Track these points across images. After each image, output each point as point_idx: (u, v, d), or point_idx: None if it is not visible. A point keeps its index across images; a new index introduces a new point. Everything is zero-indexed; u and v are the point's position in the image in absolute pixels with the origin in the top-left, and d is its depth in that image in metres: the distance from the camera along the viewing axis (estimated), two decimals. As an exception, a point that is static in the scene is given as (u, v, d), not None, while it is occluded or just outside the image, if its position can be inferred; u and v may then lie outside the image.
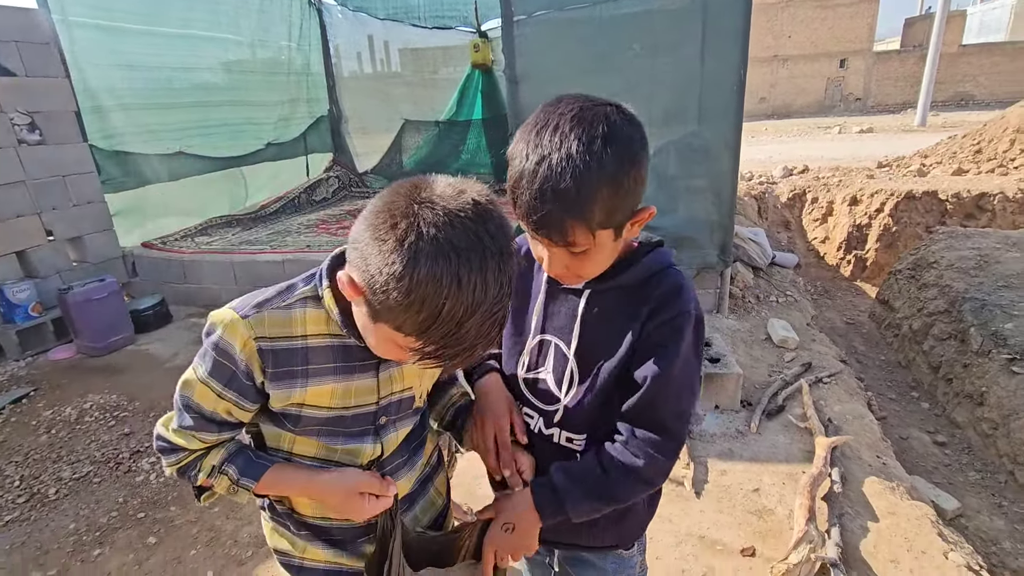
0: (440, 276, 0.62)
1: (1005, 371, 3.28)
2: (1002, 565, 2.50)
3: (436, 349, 0.68)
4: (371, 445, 0.88)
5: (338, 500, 0.85)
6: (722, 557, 1.96)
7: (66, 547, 2.16)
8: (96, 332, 3.98)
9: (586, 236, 0.76)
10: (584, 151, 0.72)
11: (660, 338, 0.85)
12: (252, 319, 0.77)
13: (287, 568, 0.95)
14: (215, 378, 0.79)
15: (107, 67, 4.92)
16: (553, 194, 0.72)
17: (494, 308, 0.67)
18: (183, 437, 0.82)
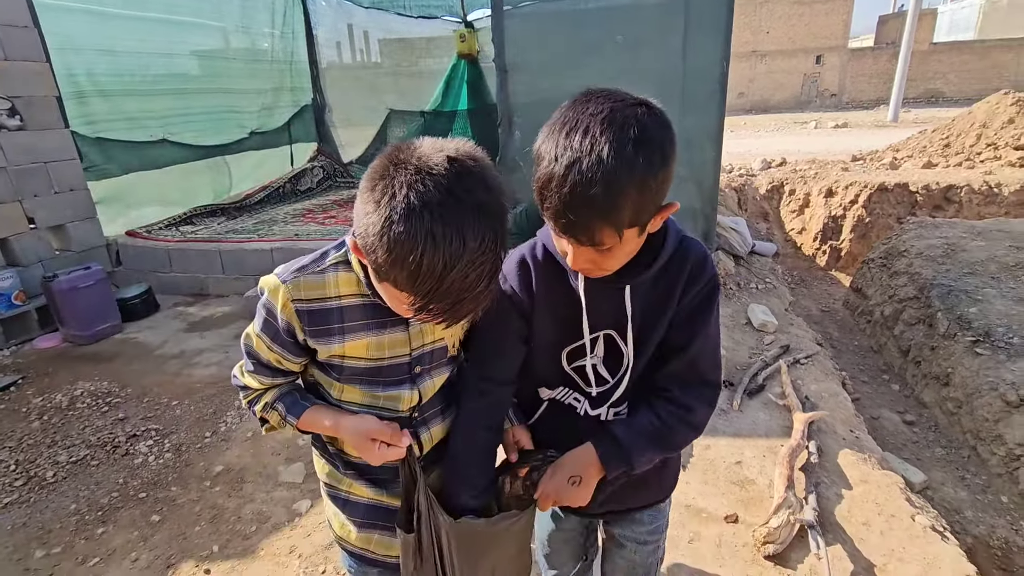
0: (414, 233, 0.67)
1: (969, 352, 3.47)
2: (964, 532, 2.67)
3: (426, 303, 0.73)
4: (409, 392, 0.96)
5: (352, 440, 0.93)
6: (707, 524, 2.08)
7: (68, 526, 2.18)
8: (83, 321, 3.95)
9: (613, 237, 0.78)
10: (615, 155, 0.72)
11: (696, 306, 0.93)
12: (290, 283, 0.86)
13: (333, 500, 1.04)
14: (265, 333, 0.91)
15: (89, 52, 4.84)
16: (583, 199, 0.73)
17: (476, 260, 0.70)
18: (248, 377, 0.97)
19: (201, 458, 2.58)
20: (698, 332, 0.94)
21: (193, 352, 3.72)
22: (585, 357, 0.99)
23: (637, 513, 1.14)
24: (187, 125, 5.90)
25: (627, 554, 1.17)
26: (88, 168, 4.75)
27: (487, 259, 0.72)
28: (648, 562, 1.18)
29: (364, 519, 1.02)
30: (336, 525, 1.06)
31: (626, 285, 0.92)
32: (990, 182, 6.33)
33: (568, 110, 0.79)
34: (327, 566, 1.94)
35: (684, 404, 0.95)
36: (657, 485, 1.12)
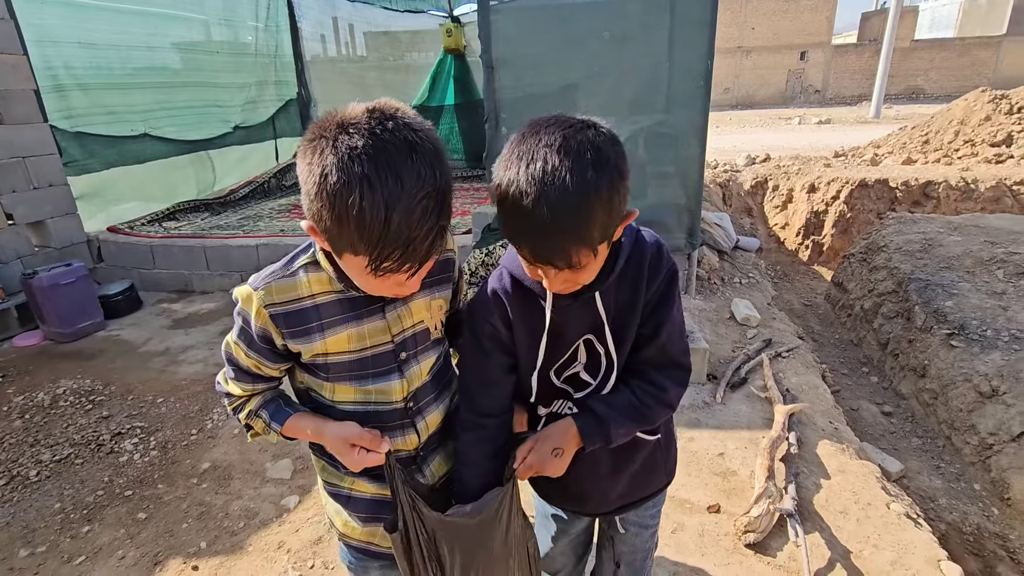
0: (348, 181, 0.68)
1: (945, 345, 3.57)
2: (938, 519, 2.75)
3: (381, 252, 0.72)
4: (398, 381, 0.97)
5: (333, 446, 0.95)
6: (690, 514, 2.13)
7: (53, 525, 2.17)
8: (64, 318, 3.90)
9: (588, 256, 0.82)
10: (579, 182, 0.76)
11: (660, 296, 0.98)
12: (262, 290, 0.88)
13: (335, 498, 1.05)
14: (241, 340, 0.93)
15: (67, 44, 4.75)
16: (556, 229, 0.77)
17: (417, 196, 0.70)
18: (231, 384, 0.98)
19: (187, 455, 2.57)
20: (664, 320, 0.98)
21: (178, 349, 3.69)
22: (573, 365, 1.03)
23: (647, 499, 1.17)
24: (169, 119, 5.82)
25: (629, 539, 1.20)
26: (68, 163, 4.68)
27: (428, 195, 0.72)
28: (647, 546, 1.22)
29: (368, 513, 1.03)
30: (339, 523, 1.06)
31: (595, 292, 0.95)
32: (967, 178, 6.47)
33: (519, 144, 0.81)
34: (315, 561, 1.95)
35: (658, 384, 1.00)
36: (664, 470, 1.17)
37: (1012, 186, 6.34)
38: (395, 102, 0.77)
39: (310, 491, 2.30)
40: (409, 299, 0.96)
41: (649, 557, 1.25)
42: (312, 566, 1.93)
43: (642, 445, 1.09)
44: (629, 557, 1.22)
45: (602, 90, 3.80)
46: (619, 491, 1.11)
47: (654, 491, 1.17)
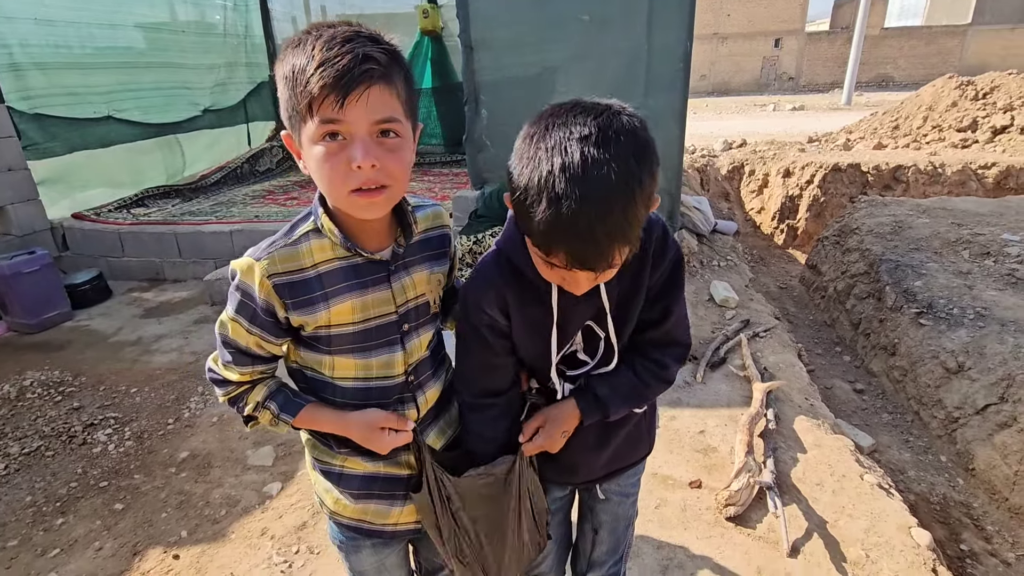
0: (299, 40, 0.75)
1: (914, 324, 3.68)
2: (908, 490, 2.86)
3: (312, 86, 0.72)
4: (400, 353, 0.96)
5: (361, 434, 0.94)
6: (673, 490, 2.17)
7: (25, 518, 2.11)
8: (28, 308, 3.76)
9: (625, 253, 0.77)
10: (622, 178, 0.69)
11: (666, 282, 0.97)
12: (265, 260, 0.85)
13: (326, 476, 1.03)
14: (242, 315, 0.88)
15: (22, 21, 4.52)
16: (603, 234, 0.71)
17: (340, 33, 0.75)
18: (226, 370, 0.93)
19: (165, 445, 2.52)
20: (672, 307, 0.99)
21: (151, 338, 3.59)
22: (570, 347, 1.03)
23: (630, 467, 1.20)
24: (134, 102, 5.61)
25: (611, 507, 1.21)
26: (28, 146, 4.48)
27: (356, 34, 0.76)
28: (629, 514, 1.24)
29: (360, 491, 1.02)
30: (329, 501, 1.05)
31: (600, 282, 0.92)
32: (934, 162, 6.65)
33: (544, 137, 0.73)
34: (300, 546, 1.93)
35: (660, 362, 1.02)
36: (648, 438, 1.19)
37: (977, 170, 6.54)
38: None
39: (293, 477, 2.27)
40: (412, 271, 0.96)
41: (631, 525, 1.27)
42: (297, 551, 1.91)
43: (630, 417, 1.10)
44: (611, 524, 1.24)
45: (582, 72, 3.78)
46: (605, 460, 1.13)
47: (638, 459, 1.19)
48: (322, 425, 0.96)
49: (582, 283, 0.82)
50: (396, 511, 1.04)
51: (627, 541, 1.28)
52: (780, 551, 1.87)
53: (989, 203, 5.19)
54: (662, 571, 1.81)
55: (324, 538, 1.96)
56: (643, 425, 1.15)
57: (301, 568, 1.85)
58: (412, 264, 0.96)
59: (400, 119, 0.79)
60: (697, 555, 1.87)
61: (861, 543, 1.90)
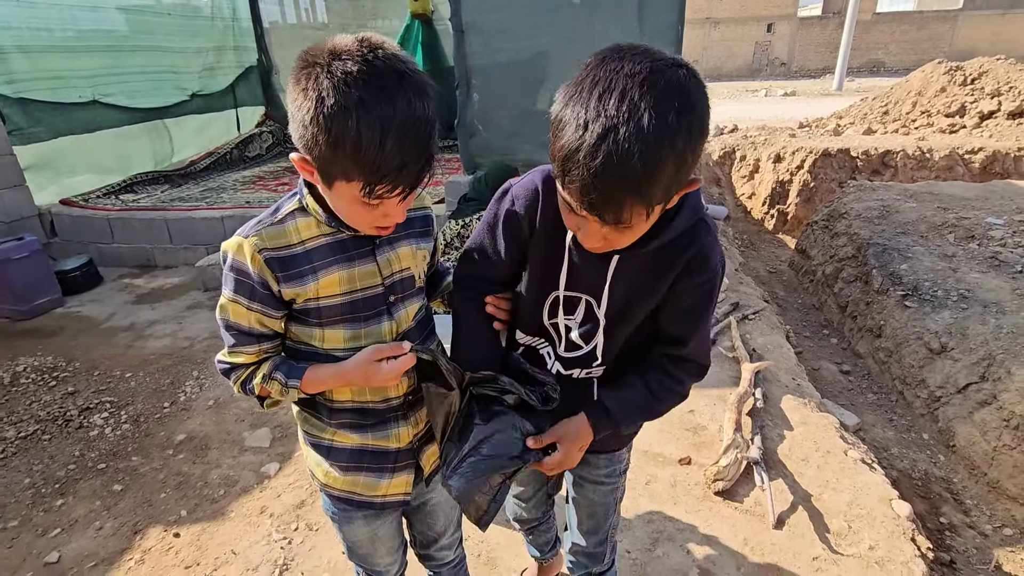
0: (345, 105, 0.72)
1: (899, 306, 3.75)
2: (891, 466, 2.94)
3: (377, 174, 0.76)
4: (388, 323, 1.00)
5: (361, 374, 0.94)
6: (663, 466, 2.22)
7: (24, 500, 2.13)
8: (19, 295, 3.74)
9: (641, 215, 0.72)
10: (657, 124, 0.64)
11: (696, 301, 0.92)
12: (254, 237, 0.88)
13: (316, 448, 1.06)
14: (240, 294, 0.90)
15: (3, 3, 4.43)
16: (617, 174, 0.66)
17: (409, 122, 0.74)
18: (233, 355, 0.96)
19: (161, 428, 2.54)
20: (697, 328, 0.95)
21: (144, 324, 3.59)
22: (567, 317, 1.00)
23: (593, 457, 1.19)
24: (120, 86, 5.52)
25: (587, 493, 1.25)
26: (12, 131, 4.42)
27: (420, 120, 0.76)
28: (606, 501, 1.26)
29: (349, 463, 1.04)
30: (320, 473, 1.07)
31: (615, 255, 0.88)
32: (922, 147, 6.71)
33: (597, 68, 0.69)
34: (299, 523, 1.97)
35: (676, 377, 1.00)
36: (616, 436, 1.16)
37: (964, 155, 6.61)
38: (380, 36, 0.78)
39: (290, 458, 2.30)
40: (397, 245, 0.98)
41: (611, 511, 1.28)
42: (296, 528, 1.95)
43: None
44: (589, 509, 1.27)
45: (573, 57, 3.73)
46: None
47: (605, 448, 1.17)
48: (325, 381, 0.97)
49: (593, 236, 0.78)
50: (384, 483, 1.07)
51: (610, 524, 1.29)
52: (766, 523, 1.93)
53: (975, 187, 5.27)
54: (652, 543, 1.87)
55: (322, 516, 2.00)
56: None
57: (300, 544, 1.89)
58: (396, 240, 0.99)
59: None
60: (686, 527, 1.93)
61: (844, 515, 1.97)
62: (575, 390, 1.04)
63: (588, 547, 1.31)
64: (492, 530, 1.92)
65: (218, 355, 0.98)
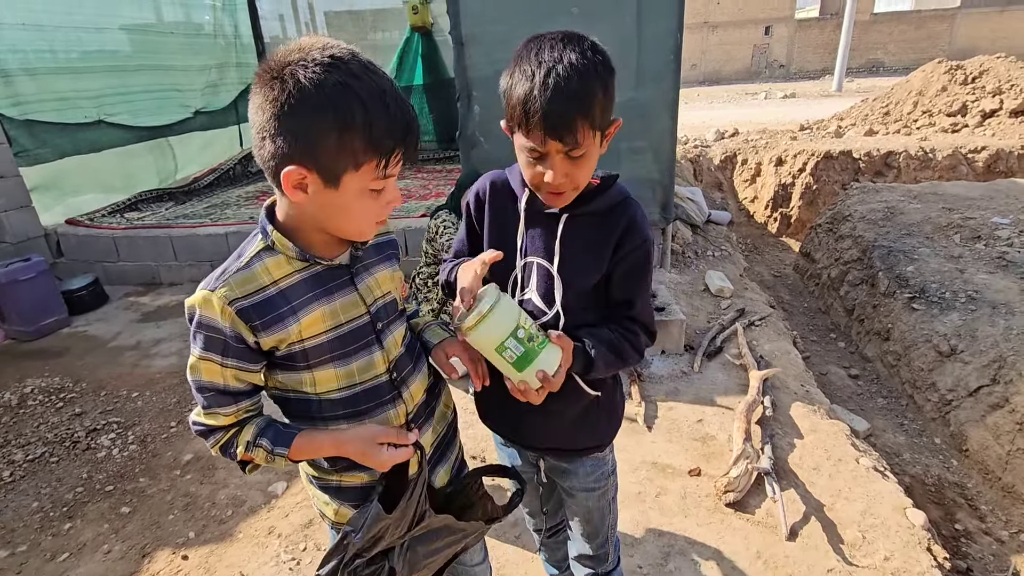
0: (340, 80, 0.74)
1: (907, 308, 3.72)
2: (903, 472, 2.91)
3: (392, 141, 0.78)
4: (380, 352, 0.96)
5: (359, 451, 0.91)
6: (672, 478, 2.20)
7: (32, 524, 2.12)
8: (26, 315, 3.76)
9: (588, 135, 0.90)
10: (581, 58, 0.87)
11: (634, 264, 1.05)
12: (222, 288, 0.83)
13: (324, 490, 1.02)
14: (212, 351, 0.85)
15: (10, 27, 4.49)
16: (564, 96, 0.86)
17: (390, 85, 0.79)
18: (210, 417, 0.90)
19: (168, 448, 2.53)
20: (638, 289, 1.07)
21: (150, 343, 3.60)
22: (525, 291, 1.08)
23: (575, 465, 1.21)
24: (125, 105, 5.57)
25: (580, 501, 1.27)
26: (18, 153, 4.45)
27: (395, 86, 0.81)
28: (600, 504, 1.28)
29: (360, 500, 1.01)
30: (330, 512, 1.04)
31: (563, 215, 1.03)
32: (925, 148, 6.69)
33: (525, 46, 0.92)
34: (307, 543, 1.96)
35: (631, 330, 1.08)
36: (598, 431, 1.19)
37: (967, 154, 6.59)
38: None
39: (297, 476, 2.29)
40: (374, 270, 0.97)
41: (606, 516, 1.30)
42: (304, 548, 1.94)
43: (580, 395, 1.12)
44: (585, 516, 1.29)
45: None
46: (548, 434, 1.16)
47: (584, 447, 1.20)
48: (318, 451, 0.93)
49: (557, 169, 0.92)
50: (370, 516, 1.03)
51: (608, 524, 1.32)
52: (779, 535, 1.91)
53: (979, 187, 5.24)
54: (664, 558, 1.84)
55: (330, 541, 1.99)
56: (595, 413, 1.16)
57: (309, 564, 1.87)
58: (372, 265, 0.97)
59: None
60: (698, 541, 1.91)
61: (858, 525, 1.94)
62: None
63: (591, 550, 1.33)
64: (502, 547, 1.91)
65: (192, 415, 0.91)
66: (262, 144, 0.79)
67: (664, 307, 3.15)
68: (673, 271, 4.14)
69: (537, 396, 0.98)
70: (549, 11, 3.65)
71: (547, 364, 0.95)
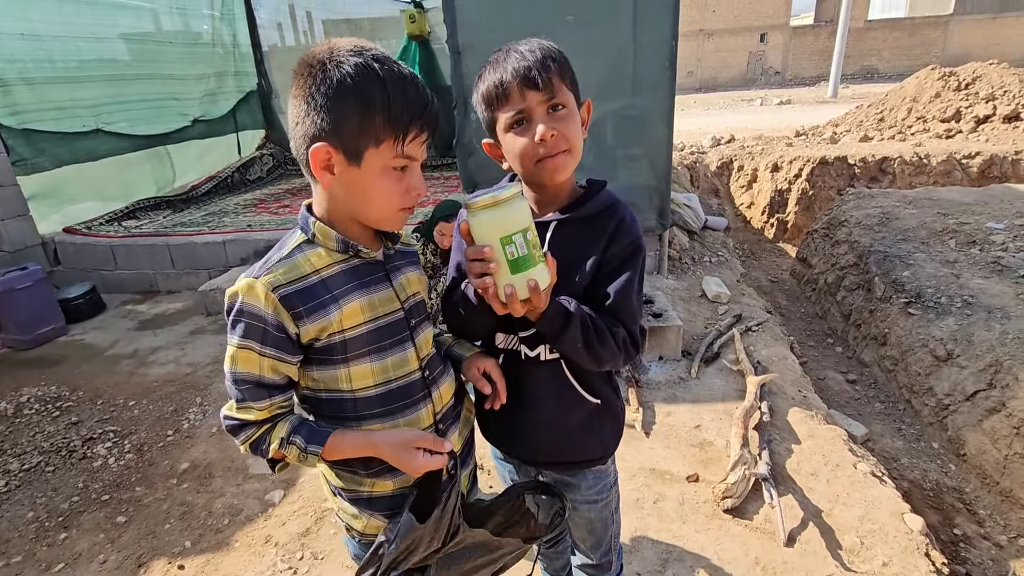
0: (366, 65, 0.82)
1: (903, 313, 3.74)
2: (901, 477, 2.91)
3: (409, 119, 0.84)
4: (412, 349, 0.99)
5: (393, 453, 0.92)
6: (670, 484, 2.20)
7: (27, 534, 2.11)
8: (22, 324, 3.75)
9: (561, 86, 0.97)
10: (539, 43, 0.99)
11: (621, 262, 1.04)
12: (265, 276, 0.86)
13: (355, 503, 1.01)
14: (252, 339, 0.86)
15: (8, 37, 4.51)
16: (531, 53, 0.96)
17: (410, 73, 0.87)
18: (243, 411, 0.90)
19: (165, 457, 2.53)
20: (621, 288, 1.03)
21: (147, 351, 3.59)
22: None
23: (577, 479, 1.21)
24: (123, 114, 5.60)
25: (582, 514, 1.26)
26: (16, 162, 4.47)
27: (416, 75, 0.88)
28: (603, 515, 1.27)
29: (391, 509, 1.00)
30: (359, 525, 1.02)
31: (552, 222, 1.05)
32: (920, 153, 6.73)
33: (495, 54, 1.01)
34: (304, 552, 1.95)
35: (611, 323, 1.03)
36: (599, 441, 1.18)
37: (961, 160, 6.63)
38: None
39: (295, 485, 2.29)
40: (405, 271, 1.01)
41: (609, 526, 1.29)
42: (301, 557, 1.93)
43: (581, 404, 1.12)
44: (588, 527, 1.28)
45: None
46: (552, 447, 1.15)
47: (584, 460, 1.19)
48: (352, 449, 0.93)
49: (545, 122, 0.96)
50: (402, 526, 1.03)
51: (611, 533, 1.31)
52: (777, 541, 1.91)
53: (973, 192, 5.27)
54: (662, 564, 1.84)
55: (328, 543, 1.98)
56: (595, 423, 1.15)
57: (306, 573, 1.86)
58: (403, 266, 1.01)
59: None
60: (696, 548, 1.90)
61: (856, 530, 1.94)
62: (550, 375, 1.10)
63: (594, 560, 1.32)
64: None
65: (223, 409, 0.93)
66: (296, 132, 0.86)
67: (661, 313, 3.16)
68: (670, 277, 4.15)
69: (519, 307, 0.93)
70: (545, 20, 3.68)
71: (540, 277, 0.91)
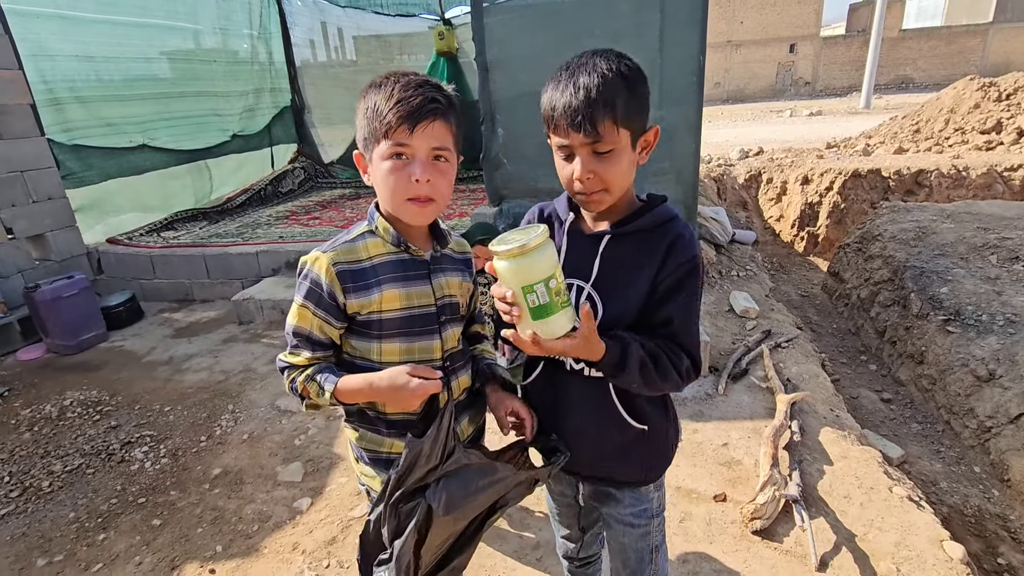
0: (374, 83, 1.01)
1: (941, 331, 3.62)
2: (940, 502, 2.80)
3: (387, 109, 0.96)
4: (438, 340, 1.12)
5: (390, 385, 1.02)
6: (697, 503, 2.16)
7: (69, 534, 2.19)
8: (67, 330, 3.92)
9: (609, 129, 0.93)
10: (607, 62, 0.94)
11: (677, 281, 1.00)
12: (330, 252, 1.04)
13: (375, 464, 1.15)
14: (310, 300, 1.05)
15: (63, 58, 4.76)
16: (586, 89, 0.92)
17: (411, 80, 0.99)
18: (291, 356, 1.10)
19: (198, 462, 2.60)
20: (681, 309, 1.00)
21: (182, 358, 3.71)
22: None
23: (618, 492, 1.17)
24: (168, 130, 5.84)
25: (617, 536, 1.21)
26: (66, 176, 4.69)
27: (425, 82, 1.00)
28: (639, 547, 1.21)
29: None
30: (377, 485, 1.13)
31: (606, 235, 1.05)
32: (958, 166, 6.54)
33: (562, 65, 0.99)
34: (330, 560, 1.98)
35: (676, 352, 1.01)
36: (639, 463, 1.14)
37: (1003, 172, 6.41)
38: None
39: (322, 493, 2.33)
40: (448, 274, 1.14)
41: (647, 560, 1.23)
42: (328, 565, 1.96)
43: (624, 428, 1.09)
44: (622, 555, 1.23)
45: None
46: (588, 460, 1.13)
47: (626, 481, 1.16)
48: (355, 388, 1.05)
49: (585, 164, 0.96)
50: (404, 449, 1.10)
51: (644, 571, 1.23)
52: (808, 566, 1.86)
53: (1016, 206, 5.09)
54: (688, 585, 1.81)
55: (353, 552, 2.01)
56: (639, 448, 1.12)
57: (332, 582, 1.89)
58: (448, 270, 1.14)
59: (451, 148, 1.03)
60: (723, 570, 1.86)
61: (891, 557, 1.88)
62: (593, 392, 1.09)
63: None
64: (523, 569, 1.90)
65: (279, 356, 1.12)
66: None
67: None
68: (697, 291, 4.10)
69: (528, 347, 0.94)
70: (572, 36, 3.72)
71: (557, 325, 0.90)
